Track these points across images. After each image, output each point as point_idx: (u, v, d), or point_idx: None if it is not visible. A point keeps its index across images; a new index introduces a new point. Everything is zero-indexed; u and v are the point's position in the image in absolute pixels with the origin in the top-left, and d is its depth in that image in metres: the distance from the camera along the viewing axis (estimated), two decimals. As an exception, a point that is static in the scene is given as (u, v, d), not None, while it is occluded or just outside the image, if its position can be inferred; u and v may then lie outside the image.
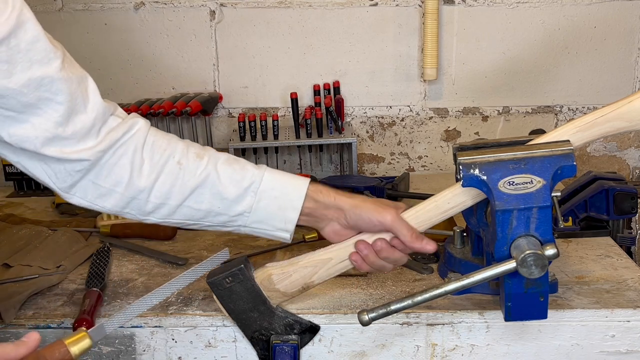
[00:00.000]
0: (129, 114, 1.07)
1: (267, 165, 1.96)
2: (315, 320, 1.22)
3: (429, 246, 1.15)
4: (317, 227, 1.20)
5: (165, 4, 1.94)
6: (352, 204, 1.15)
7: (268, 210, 1.14)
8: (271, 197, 1.14)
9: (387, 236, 1.15)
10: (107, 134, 1.07)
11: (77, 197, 1.11)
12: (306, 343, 1.22)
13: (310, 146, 1.95)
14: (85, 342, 0.97)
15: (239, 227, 1.16)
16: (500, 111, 2.02)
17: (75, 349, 0.96)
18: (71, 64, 1.03)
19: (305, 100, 1.98)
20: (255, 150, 1.94)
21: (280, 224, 1.16)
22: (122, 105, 1.95)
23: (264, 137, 1.88)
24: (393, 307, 1.09)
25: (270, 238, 1.19)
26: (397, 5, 1.94)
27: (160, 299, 1.05)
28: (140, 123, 1.11)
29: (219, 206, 1.13)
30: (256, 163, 1.97)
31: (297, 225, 1.18)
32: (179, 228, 1.27)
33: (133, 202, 1.11)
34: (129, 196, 1.10)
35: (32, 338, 0.93)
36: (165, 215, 1.14)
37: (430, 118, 2.03)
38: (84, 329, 0.99)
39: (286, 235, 1.17)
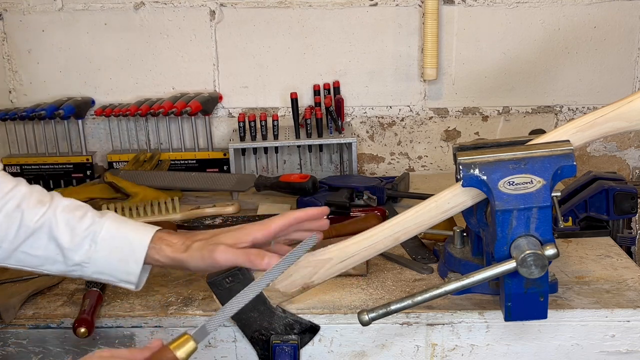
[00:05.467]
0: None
1: (268, 165, 1.99)
2: (315, 320, 1.22)
3: (274, 261, 1.09)
4: None
5: (165, 4, 1.94)
6: (187, 258, 1.11)
7: (108, 261, 1.08)
8: (111, 248, 1.08)
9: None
10: None
11: None
12: (306, 343, 1.22)
13: (310, 146, 1.95)
14: (190, 345, 0.94)
15: (81, 276, 1.11)
16: (500, 111, 2.02)
17: (181, 353, 0.93)
18: None
19: (305, 100, 1.98)
20: (255, 150, 1.94)
21: (122, 276, 1.10)
22: (122, 105, 1.97)
23: (264, 137, 1.88)
24: (393, 307, 1.09)
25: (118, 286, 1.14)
26: (397, 5, 1.94)
27: (257, 292, 1.01)
28: None
29: (56, 253, 1.08)
30: (256, 163, 2.01)
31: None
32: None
33: None
34: None
35: (156, 344, 0.92)
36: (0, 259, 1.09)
37: (430, 118, 2.03)
38: (187, 332, 0.95)
39: (131, 287, 1.12)
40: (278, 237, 1.18)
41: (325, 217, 1.20)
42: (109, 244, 1.08)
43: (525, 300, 1.12)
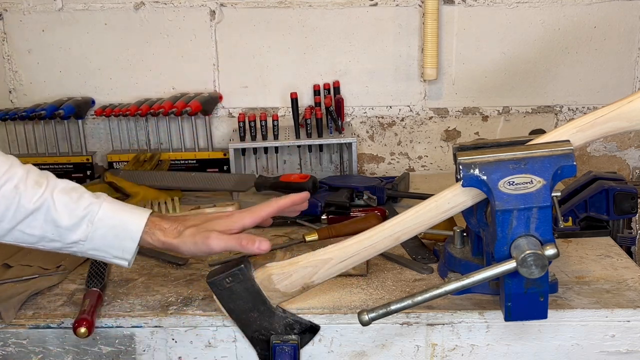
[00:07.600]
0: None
1: (268, 165, 1.99)
2: (315, 320, 1.22)
3: (263, 246, 1.18)
4: None
5: (165, 4, 1.94)
6: (180, 243, 1.18)
7: (105, 239, 1.15)
8: (108, 227, 1.14)
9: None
10: None
11: None
12: (306, 343, 1.22)
13: (310, 146, 1.95)
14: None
15: (75, 252, 1.17)
16: (500, 111, 2.02)
17: None
18: None
19: (305, 100, 1.98)
20: (255, 150, 1.94)
21: (117, 253, 1.16)
22: (122, 105, 1.97)
23: (264, 137, 1.88)
24: (393, 307, 1.09)
25: (108, 263, 1.22)
26: (397, 5, 1.94)
27: None
28: None
29: (52, 233, 1.13)
30: (256, 163, 2.01)
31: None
32: None
33: None
34: None
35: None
36: None
37: (430, 118, 2.03)
38: None
39: (124, 263, 1.18)
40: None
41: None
42: (106, 223, 1.14)
43: (525, 300, 1.12)
